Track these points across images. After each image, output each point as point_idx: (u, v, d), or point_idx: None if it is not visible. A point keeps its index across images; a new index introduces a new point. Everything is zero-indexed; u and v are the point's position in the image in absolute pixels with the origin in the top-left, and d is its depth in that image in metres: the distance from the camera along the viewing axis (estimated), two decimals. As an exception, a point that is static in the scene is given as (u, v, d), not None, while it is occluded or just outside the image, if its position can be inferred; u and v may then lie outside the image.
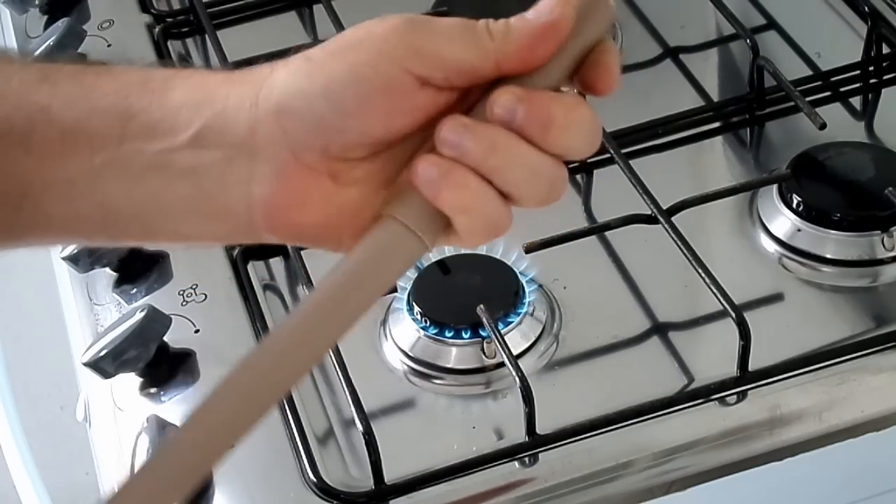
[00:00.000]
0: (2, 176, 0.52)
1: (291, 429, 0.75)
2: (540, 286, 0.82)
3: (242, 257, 0.87)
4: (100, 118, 0.51)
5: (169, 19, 1.07)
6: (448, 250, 0.83)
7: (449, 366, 0.79)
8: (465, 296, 0.80)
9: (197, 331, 0.82)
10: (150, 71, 0.53)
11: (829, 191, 0.85)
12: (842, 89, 0.95)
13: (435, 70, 0.49)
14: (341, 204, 0.51)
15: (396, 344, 0.80)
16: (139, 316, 0.79)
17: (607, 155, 0.88)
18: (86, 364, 0.78)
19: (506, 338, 0.77)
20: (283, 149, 0.50)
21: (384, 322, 0.82)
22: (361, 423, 0.72)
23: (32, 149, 0.52)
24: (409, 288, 0.81)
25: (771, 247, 0.84)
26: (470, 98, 0.51)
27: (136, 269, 0.86)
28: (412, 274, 0.82)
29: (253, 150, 0.50)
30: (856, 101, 0.95)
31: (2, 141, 0.52)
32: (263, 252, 0.88)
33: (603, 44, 0.51)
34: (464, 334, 0.79)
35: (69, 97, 0.52)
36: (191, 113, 0.51)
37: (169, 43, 1.05)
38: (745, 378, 0.75)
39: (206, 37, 1.02)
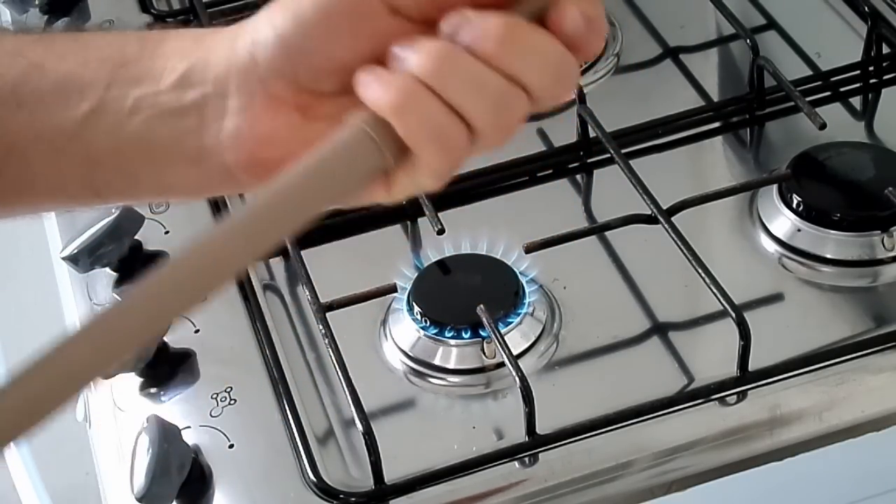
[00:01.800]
0: None
1: (291, 429, 0.75)
2: (540, 286, 0.82)
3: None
4: (93, 67, 0.52)
5: (169, 19, 1.08)
6: (448, 250, 0.83)
7: (449, 366, 0.79)
8: (465, 296, 0.80)
9: (197, 331, 0.82)
10: (150, 31, 0.54)
11: (829, 191, 0.85)
12: (842, 89, 0.95)
13: None
14: (309, 139, 0.50)
15: (396, 344, 0.80)
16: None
17: (607, 155, 0.88)
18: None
19: (506, 338, 0.77)
20: (254, 80, 0.50)
21: (384, 322, 0.82)
22: (361, 423, 0.72)
23: (24, 101, 0.52)
24: (409, 288, 0.81)
25: (771, 247, 0.84)
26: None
27: (136, 269, 0.86)
28: (412, 274, 0.82)
29: (227, 84, 0.51)
30: (856, 101, 0.95)
31: None
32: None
33: None
34: (464, 334, 0.79)
35: (64, 51, 0.53)
36: (179, 58, 0.52)
37: (169, 43, 1.05)
38: (745, 378, 0.75)
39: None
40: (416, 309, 0.80)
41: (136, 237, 0.86)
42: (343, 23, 0.49)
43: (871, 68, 0.96)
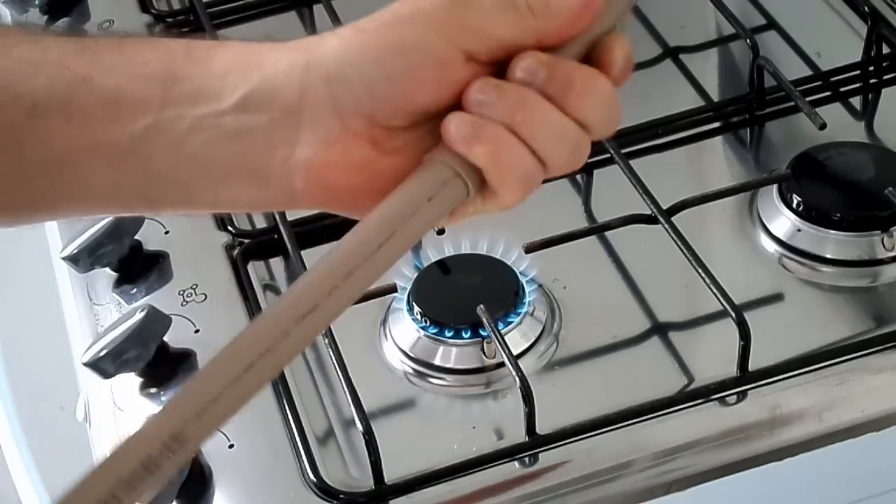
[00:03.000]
0: (40, 144, 0.52)
1: (291, 429, 0.75)
2: (540, 286, 0.82)
3: (242, 257, 0.87)
4: (142, 85, 0.52)
5: (169, 19, 1.08)
6: (448, 250, 0.83)
7: (449, 366, 0.79)
8: (465, 296, 0.80)
9: (197, 331, 0.82)
10: (191, 41, 0.54)
11: (829, 191, 0.85)
12: (842, 89, 0.95)
13: (481, 45, 0.51)
14: (379, 171, 0.52)
15: (396, 344, 0.80)
16: (139, 316, 0.79)
17: (607, 155, 0.88)
18: (86, 364, 0.78)
19: (506, 338, 0.77)
20: (331, 114, 0.51)
21: (384, 322, 0.82)
22: (361, 423, 0.72)
23: (73, 116, 0.52)
24: (409, 288, 0.81)
25: (771, 247, 0.84)
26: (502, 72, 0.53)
27: (136, 269, 0.87)
28: (412, 274, 0.82)
29: (300, 114, 0.51)
30: (856, 101, 0.95)
31: (41, 108, 0.52)
32: (263, 252, 0.88)
33: (614, 33, 0.53)
34: (464, 334, 0.79)
35: (110, 65, 0.53)
36: (237, 78, 0.52)
37: (169, 43, 1.05)
38: (745, 378, 0.75)
39: (206, 36, 1.02)
40: (417, 309, 0.80)
41: (136, 237, 0.86)
42: (427, 73, 0.51)
43: (871, 68, 0.96)
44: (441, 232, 0.82)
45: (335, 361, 0.75)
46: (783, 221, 0.84)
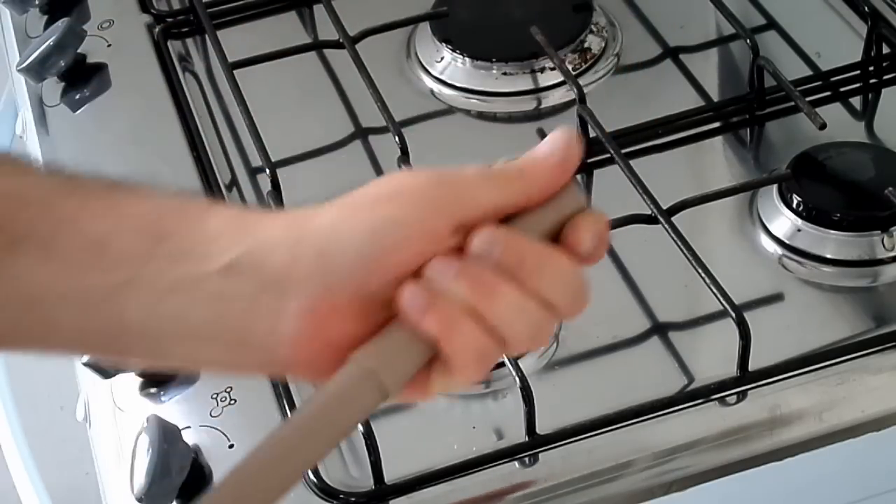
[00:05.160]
0: (14, 280, 0.51)
1: (291, 429, 0.75)
2: (540, 286, 0.82)
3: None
4: (130, 236, 0.51)
5: (169, 19, 1.07)
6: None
7: (449, 366, 0.79)
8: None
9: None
10: (185, 198, 0.54)
11: (829, 191, 0.85)
12: (842, 89, 0.95)
13: (470, 214, 0.51)
14: (367, 339, 0.51)
15: (396, 344, 0.80)
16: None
17: (607, 155, 0.88)
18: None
19: (506, 338, 0.76)
20: (319, 287, 0.51)
21: (384, 322, 0.81)
22: (361, 423, 0.72)
23: (53, 256, 0.51)
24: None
25: (771, 247, 0.84)
26: None
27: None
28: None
29: (286, 286, 0.51)
30: (856, 101, 0.95)
31: (21, 245, 0.51)
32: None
33: (586, 212, 0.54)
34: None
35: (99, 211, 0.52)
36: (228, 242, 0.51)
37: (169, 43, 1.05)
38: (745, 378, 0.75)
39: (206, 37, 1.02)
40: (416, 309, 0.80)
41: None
42: (418, 244, 0.51)
43: (871, 68, 0.96)
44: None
45: (335, 361, 0.75)
46: (783, 221, 0.84)
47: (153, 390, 0.80)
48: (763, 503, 0.77)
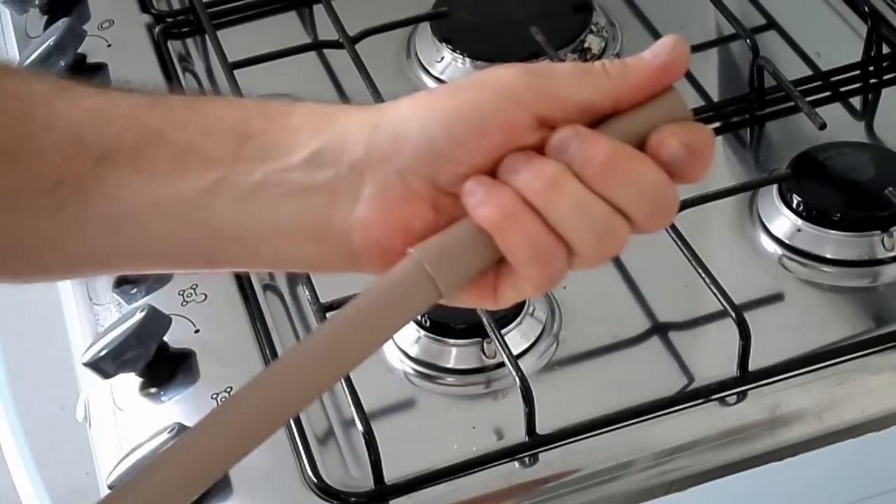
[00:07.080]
0: (105, 196, 0.52)
1: (291, 429, 0.75)
2: (540, 286, 0.82)
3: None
4: (215, 139, 0.52)
5: (169, 19, 1.07)
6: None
7: (449, 366, 0.79)
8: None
9: (197, 331, 0.82)
10: (265, 100, 0.54)
11: (829, 191, 0.85)
12: (842, 89, 0.95)
13: (556, 109, 0.50)
14: (438, 232, 0.51)
15: (396, 344, 0.80)
16: (139, 316, 0.79)
17: (607, 155, 0.88)
18: (86, 364, 0.78)
19: (506, 338, 0.76)
20: (393, 171, 0.50)
21: (384, 322, 0.81)
22: (361, 423, 0.72)
23: (141, 168, 0.52)
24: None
25: (771, 247, 0.84)
26: None
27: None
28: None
29: (363, 170, 0.51)
30: (856, 101, 0.95)
31: (110, 159, 0.52)
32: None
33: (685, 119, 0.52)
34: (464, 334, 0.79)
35: (182, 119, 0.53)
36: (310, 135, 0.52)
37: (169, 43, 1.05)
38: (745, 378, 0.75)
39: (206, 37, 1.02)
40: (416, 309, 0.80)
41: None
42: (494, 137, 0.50)
43: (871, 68, 0.96)
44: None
45: (335, 361, 0.75)
46: (783, 221, 0.84)
47: (153, 390, 0.80)
48: (763, 503, 0.77)
